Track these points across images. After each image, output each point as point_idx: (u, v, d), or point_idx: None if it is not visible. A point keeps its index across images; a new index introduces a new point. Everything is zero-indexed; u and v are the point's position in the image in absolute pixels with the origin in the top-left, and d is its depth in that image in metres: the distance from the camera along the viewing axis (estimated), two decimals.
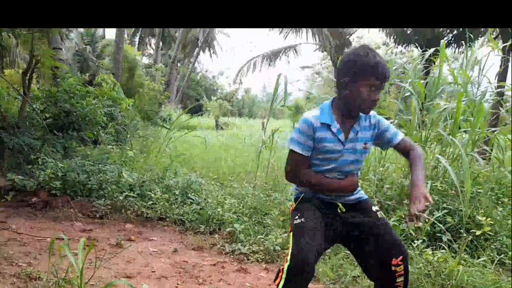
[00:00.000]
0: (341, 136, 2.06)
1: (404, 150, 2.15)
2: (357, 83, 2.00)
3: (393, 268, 1.96)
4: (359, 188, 2.19)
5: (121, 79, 12.05)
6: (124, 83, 12.97)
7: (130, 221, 4.16)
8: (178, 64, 27.20)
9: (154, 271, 2.96)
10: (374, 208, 2.13)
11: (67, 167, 4.87)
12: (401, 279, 1.98)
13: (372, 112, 2.13)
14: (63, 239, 2.76)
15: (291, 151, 2.08)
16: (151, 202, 4.31)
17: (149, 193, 4.42)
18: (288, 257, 1.88)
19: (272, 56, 18.03)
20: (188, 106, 17.79)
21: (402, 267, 1.97)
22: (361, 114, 2.08)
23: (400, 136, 2.15)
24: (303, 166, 2.09)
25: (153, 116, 12.35)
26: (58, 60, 7.79)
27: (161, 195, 4.35)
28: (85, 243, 2.13)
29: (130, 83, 13.60)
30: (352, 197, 2.16)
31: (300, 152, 2.05)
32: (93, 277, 2.40)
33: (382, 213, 2.15)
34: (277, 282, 1.89)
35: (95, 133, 6.69)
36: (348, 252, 3.26)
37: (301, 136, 2.06)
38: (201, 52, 28.24)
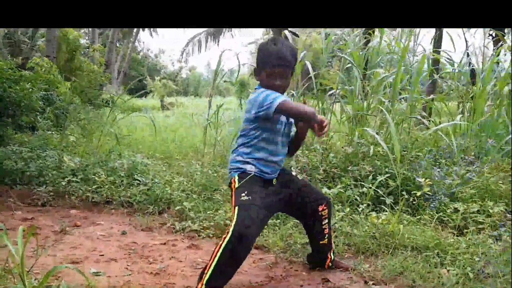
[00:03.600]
0: None
1: None
2: (262, 71, 2.37)
3: (319, 213, 2.51)
4: None
5: (59, 62, 11.47)
6: (63, 65, 12.37)
7: (75, 206, 4.02)
8: (117, 44, 26.25)
9: (102, 255, 2.89)
10: (294, 173, 2.63)
11: (3, 155, 4.62)
12: (326, 221, 2.54)
13: None
14: (1, 229, 2.64)
15: (282, 103, 2.22)
16: (95, 186, 4.18)
17: (93, 176, 4.28)
18: (231, 229, 2.09)
19: (216, 33, 17.81)
20: (131, 87, 17.30)
21: (326, 211, 2.52)
22: None
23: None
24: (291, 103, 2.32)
25: (94, 99, 11.90)
26: None
27: (106, 178, 4.23)
28: (25, 230, 2.04)
29: (70, 65, 12.98)
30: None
31: (286, 98, 2.28)
32: (37, 265, 2.31)
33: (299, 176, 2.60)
34: (213, 256, 2.12)
35: (33, 119, 6.37)
36: (296, 221, 3.36)
37: (270, 93, 2.28)
38: (140, 31, 27.40)
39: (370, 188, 3.58)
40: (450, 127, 4.70)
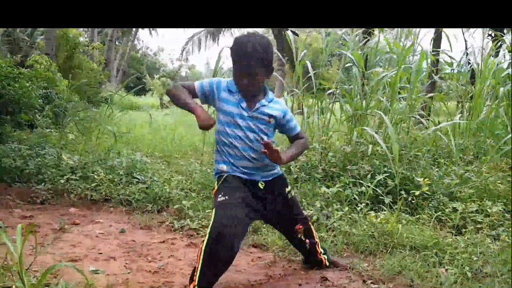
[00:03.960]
0: (243, 104, 2.33)
1: (294, 140, 2.54)
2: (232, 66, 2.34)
3: (296, 230, 2.55)
4: (275, 165, 2.45)
5: (58, 60, 11.46)
6: (62, 63, 12.36)
7: (74, 204, 4.02)
8: (117, 42, 26.23)
9: (101, 253, 2.89)
10: (287, 189, 2.52)
11: (2, 152, 4.61)
12: (301, 234, 2.57)
13: (283, 102, 2.54)
14: (0, 227, 2.65)
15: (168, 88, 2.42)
16: (94, 184, 4.18)
17: (92, 174, 4.28)
18: (208, 231, 2.10)
19: (216, 32, 17.79)
20: (131, 86, 17.26)
21: (302, 228, 2.55)
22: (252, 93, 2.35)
23: (298, 129, 2.52)
24: (186, 91, 2.38)
25: (93, 97, 11.90)
26: None
27: (105, 176, 4.23)
28: (24, 228, 2.04)
29: (69, 63, 12.98)
30: (270, 172, 2.45)
31: (196, 85, 2.38)
32: (35, 263, 2.32)
33: (292, 192, 2.56)
34: (198, 257, 2.12)
35: (31, 116, 6.36)
36: None
37: (207, 82, 2.40)
38: (139, 29, 27.39)
39: (369, 187, 3.59)
40: (449, 127, 4.71)
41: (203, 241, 2.10)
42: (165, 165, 5.22)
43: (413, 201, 3.56)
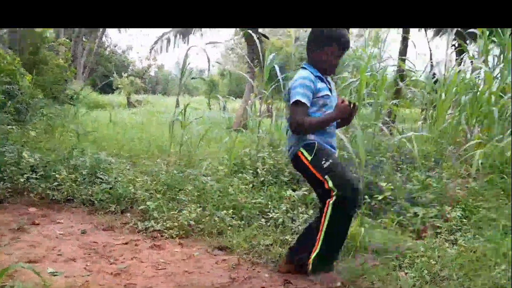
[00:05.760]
0: (331, 85, 2.59)
1: None
2: (322, 50, 2.49)
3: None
4: None
5: (23, 55, 11.09)
6: (27, 58, 11.97)
7: (34, 204, 3.91)
8: (84, 39, 25.65)
9: (60, 254, 2.82)
10: None
11: None
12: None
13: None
14: None
15: (298, 102, 2.41)
16: (56, 183, 4.07)
17: (54, 173, 4.16)
18: (334, 189, 2.33)
19: (185, 32, 17.60)
20: (97, 83, 16.91)
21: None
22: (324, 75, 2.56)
23: None
24: (306, 116, 2.44)
25: (58, 94, 11.58)
26: None
27: (67, 176, 4.12)
28: None
29: (34, 59, 12.57)
30: None
31: (306, 102, 2.41)
32: None
33: None
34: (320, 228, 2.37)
35: None
36: (261, 222, 3.37)
37: (304, 89, 2.42)
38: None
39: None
40: (413, 133, 4.82)
41: (327, 208, 2.36)
42: (131, 165, 5.14)
43: (376, 206, 3.63)
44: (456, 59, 6.06)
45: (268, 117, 6.65)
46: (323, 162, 2.39)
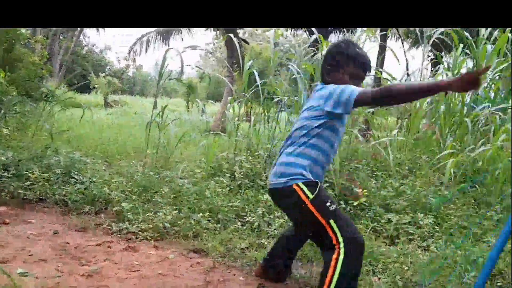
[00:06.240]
0: None
1: None
2: (342, 70, 2.23)
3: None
4: None
5: None
6: (1, 55, 11.68)
7: (5, 203, 3.80)
8: (61, 37, 25.21)
9: (31, 255, 2.75)
10: None
11: None
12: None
13: None
14: None
15: (357, 96, 1.98)
16: (28, 182, 3.98)
17: (26, 172, 4.07)
18: (341, 243, 2.04)
19: (165, 34, 17.49)
20: (74, 82, 16.63)
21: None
22: None
23: None
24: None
25: (33, 92, 11.34)
26: None
27: (40, 175, 4.04)
28: None
29: (8, 56, 12.28)
30: None
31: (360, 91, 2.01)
32: None
33: None
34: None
35: None
36: (237, 225, 3.38)
37: (347, 87, 2.05)
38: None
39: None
40: (388, 141, 4.91)
41: (337, 258, 2.03)
42: (106, 165, 5.07)
43: (351, 211, 3.67)
44: (431, 70, 6.18)
45: (246, 121, 6.66)
46: (328, 204, 2.10)
